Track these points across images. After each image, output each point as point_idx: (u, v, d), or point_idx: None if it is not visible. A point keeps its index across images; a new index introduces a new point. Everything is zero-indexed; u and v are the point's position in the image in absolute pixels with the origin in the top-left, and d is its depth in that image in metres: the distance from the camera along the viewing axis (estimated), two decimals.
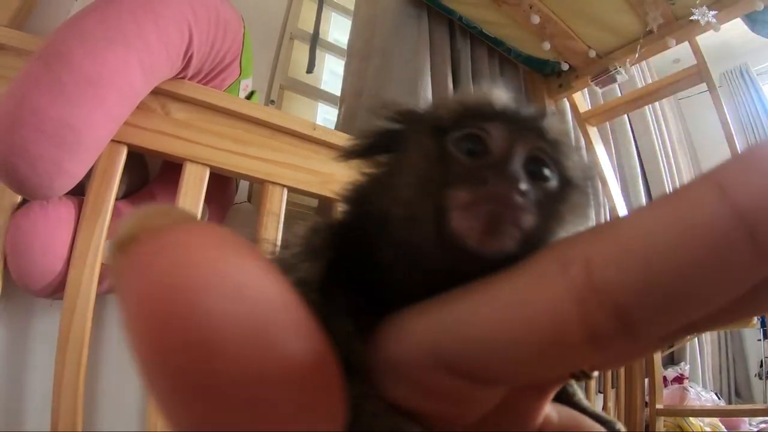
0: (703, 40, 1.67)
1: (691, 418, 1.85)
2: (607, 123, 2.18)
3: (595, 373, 0.21)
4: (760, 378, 2.76)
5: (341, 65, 1.76)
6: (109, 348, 1.04)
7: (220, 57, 1.02)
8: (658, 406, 1.78)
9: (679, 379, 2.03)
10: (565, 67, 1.90)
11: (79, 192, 0.85)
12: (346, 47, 1.77)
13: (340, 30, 2.02)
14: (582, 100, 2.05)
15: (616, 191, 2.00)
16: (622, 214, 0.14)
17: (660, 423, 1.79)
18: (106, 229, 0.83)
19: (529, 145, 0.18)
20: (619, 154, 2.47)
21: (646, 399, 1.84)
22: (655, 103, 2.67)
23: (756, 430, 1.98)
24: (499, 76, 1.92)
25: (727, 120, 1.68)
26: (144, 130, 0.88)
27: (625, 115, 2.41)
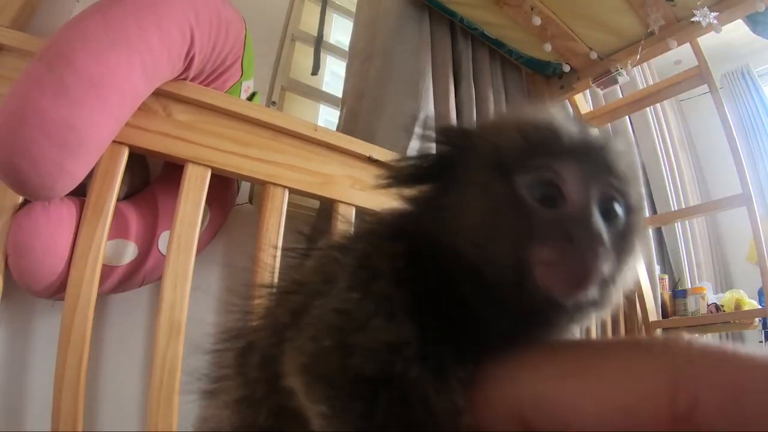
0: (705, 41, 1.67)
1: None
2: (608, 124, 2.18)
3: None
4: None
5: (343, 67, 1.76)
6: (110, 348, 1.04)
7: (222, 58, 1.02)
8: None
9: None
10: (566, 68, 1.90)
11: (80, 193, 0.85)
12: (347, 49, 1.77)
13: (341, 31, 2.02)
14: (583, 101, 2.05)
15: None
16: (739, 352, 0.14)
17: None
18: (107, 229, 0.83)
19: (602, 185, 0.18)
20: None
21: None
22: (657, 105, 2.67)
23: None
24: (500, 77, 1.92)
25: (729, 121, 1.68)
26: (146, 132, 0.88)
27: (626, 117, 2.41)
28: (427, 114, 1.49)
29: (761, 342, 2.73)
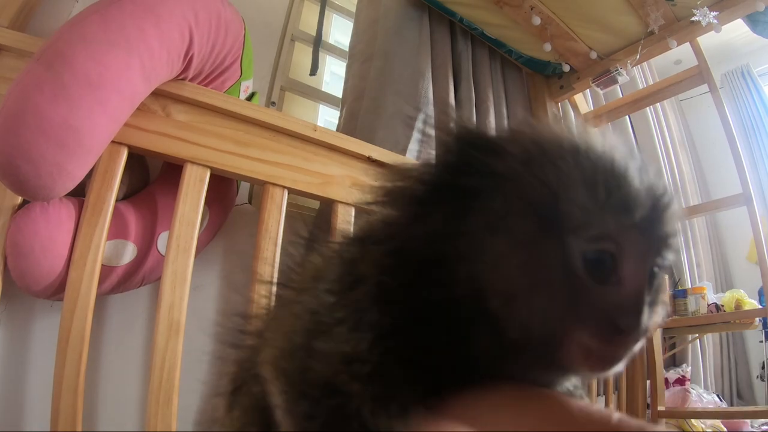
0: (705, 41, 1.67)
1: (693, 420, 1.84)
2: (608, 124, 2.18)
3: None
4: (762, 380, 2.75)
5: (343, 67, 1.76)
6: (109, 348, 1.04)
7: (221, 58, 1.02)
8: (660, 408, 1.77)
9: (681, 381, 2.02)
10: (566, 68, 1.90)
11: (79, 193, 0.85)
12: (347, 49, 1.77)
13: (341, 32, 2.02)
14: (583, 101, 2.05)
15: None
16: None
17: (662, 425, 1.78)
18: (106, 230, 0.83)
19: (657, 259, 0.17)
20: None
21: (648, 401, 1.83)
22: (657, 104, 2.67)
23: None
24: (500, 77, 1.92)
25: (729, 121, 1.68)
26: (145, 132, 0.88)
27: (626, 116, 2.41)
28: (428, 114, 1.49)
29: (761, 341, 2.74)
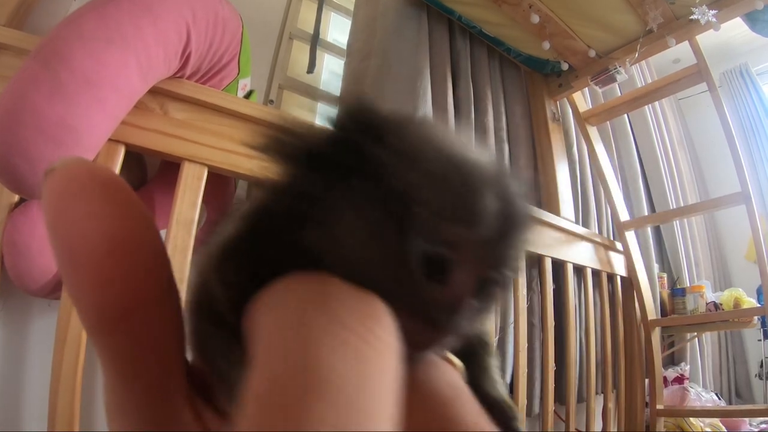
0: (703, 40, 1.67)
1: (691, 419, 1.84)
2: (607, 123, 2.18)
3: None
4: (761, 378, 2.76)
5: (341, 65, 1.75)
6: None
7: (219, 56, 1.01)
8: (659, 407, 1.78)
9: (679, 379, 2.03)
10: (565, 66, 1.90)
11: None
12: (345, 47, 1.77)
13: (339, 30, 2.02)
14: (582, 99, 2.05)
15: (617, 191, 1.99)
16: None
17: (660, 423, 1.78)
18: None
19: (491, 275, 0.17)
20: (620, 154, 2.47)
21: (647, 399, 1.84)
22: (655, 103, 2.67)
23: (756, 430, 1.98)
24: (498, 76, 1.92)
25: (728, 119, 1.68)
26: (142, 130, 0.87)
27: (625, 115, 2.41)
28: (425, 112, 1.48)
29: (760, 340, 2.75)
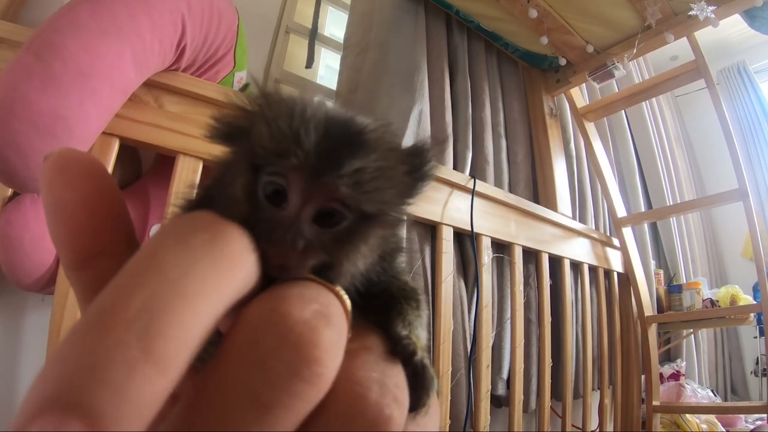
0: (701, 37, 1.67)
1: (687, 415, 1.85)
2: (604, 119, 2.18)
3: None
4: (756, 375, 2.77)
5: (337, 60, 1.74)
6: None
7: (214, 49, 1.00)
8: (655, 403, 1.78)
9: (675, 376, 2.03)
10: (562, 62, 1.89)
11: None
12: (342, 41, 1.76)
13: (336, 24, 2.01)
14: (579, 95, 2.05)
15: (614, 187, 1.99)
16: None
17: (657, 420, 1.79)
18: None
19: (322, 199, 0.19)
20: (617, 150, 2.47)
21: (643, 396, 1.84)
22: (653, 100, 2.67)
23: (752, 427, 1.99)
24: (496, 71, 1.91)
25: (725, 116, 1.68)
26: (137, 123, 0.86)
27: (622, 112, 2.41)
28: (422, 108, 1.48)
29: (755, 337, 2.75)
